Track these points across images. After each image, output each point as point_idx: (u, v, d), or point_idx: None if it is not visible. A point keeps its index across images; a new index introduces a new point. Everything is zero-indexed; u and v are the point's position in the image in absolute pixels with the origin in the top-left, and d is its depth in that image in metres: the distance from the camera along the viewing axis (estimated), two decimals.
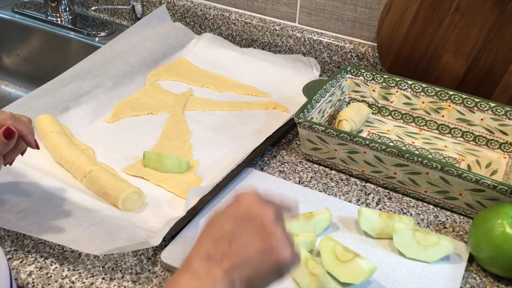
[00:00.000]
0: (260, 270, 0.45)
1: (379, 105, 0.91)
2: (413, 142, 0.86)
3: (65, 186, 0.71)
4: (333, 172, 0.80)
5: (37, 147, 0.62)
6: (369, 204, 0.75)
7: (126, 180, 0.72)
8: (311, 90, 0.84)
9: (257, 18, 1.12)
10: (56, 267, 0.63)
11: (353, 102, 0.93)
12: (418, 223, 0.72)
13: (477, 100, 0.83)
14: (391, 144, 0.85)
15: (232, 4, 1.14)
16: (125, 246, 0.60)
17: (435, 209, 0.74)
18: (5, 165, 0.61)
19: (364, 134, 0.88)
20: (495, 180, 0.66)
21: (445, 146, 0.85)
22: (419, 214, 0.73)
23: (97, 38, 1.18)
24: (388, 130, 0.89)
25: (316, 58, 1.07)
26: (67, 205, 0.67)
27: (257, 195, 0.49)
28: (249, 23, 1.11)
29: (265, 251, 0.45)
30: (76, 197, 0.69)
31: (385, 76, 0.89)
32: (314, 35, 1.06)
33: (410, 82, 0.88)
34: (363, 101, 0.92)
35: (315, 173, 0.80)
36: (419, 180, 0.73)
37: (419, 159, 0.70)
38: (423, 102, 0.87)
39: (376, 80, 0.90)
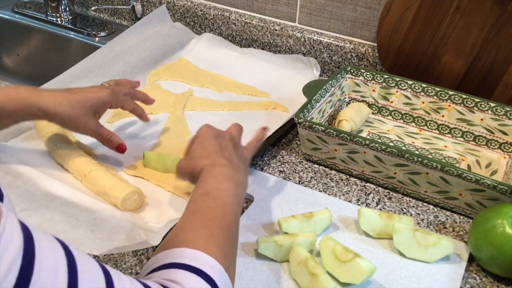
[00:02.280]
0: (245, 165, 0.65)
1: (379, 105, 0.91)
2: (413, 142, 0.86)
3: (65, 186, 0.71)
4: (333, 172, 0.80)
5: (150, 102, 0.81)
6: (369, 204, 0.75)
7: (126, 180, 0.72)
8: (311, 90, 0.84)
9: (257, 18, 1.12)
10: None
11: (353, 102, 0.93)
12: (418, 223, 0.72)
13: (477, 100, 0.83)
14: (391, 144, 0.85)
15: (232, 4, 1.14)
16: (125, 246, 0.60)
17: (435, 209, 0.74)
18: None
19: (364, 134, 0.88)
20: (495, 180, 0.66)
21: (445, 146, 0.85)
22: (419, 214, 0.73)
23: (97, 38, 1.18)
24: (388, 130, 0.89)
25: (316, 58, 1.07)
26: (67, 205, 0.67)
27: (210, 125, 0.68)
28: (249, 23, 1.11)
29: (243, 148, 0.68)
30: (76, 197, 0.69)
31: (385, 76, 0.89)
32: (314, 35, 1.06)
33: (410, 82, 0.88)
34: (363, 101, 0.92)
35: (315, 173, 0.80)
36: (419, 180, 0.73)
37: (419, 159, 0.70)
38: (423, 102, 0.87)
39: (376, 80, 0.90)
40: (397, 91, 0.89)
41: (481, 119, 0.84)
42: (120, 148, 0.74)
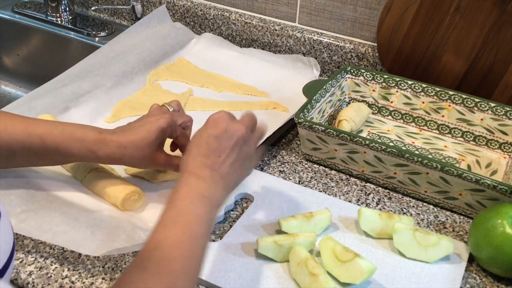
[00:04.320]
0: (241, 172, 0.61)
1: (379, 105, 0.91)
2: (413, 142, 0.86)
3: (65, 186, 0.71)
4: (333, 172, 0.80)
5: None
6: (369, 204, 0.75)
7: (126, 180, 0.72)
8: (311, 90, 0.84)
9: (257, 18, 1.12)
10: (56, 267, 0.63)
11: (353, 102, 0.93)
12: (418, 223, 0.72)
13: (477, 100, 0.83)
14: (391, 144, 0.85)
15: (232, 4, 1.14)
16: (125, 247, 0.60)
17: (435, 209, 0.74)
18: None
19: (364, 134, 0.88)
20: (495, 180, 0.66)
21: (445, 146, 0.85)
22: (419, 214, 0.73)
23: (97, 38, 1.18)
24: (388, 130, 0.89)
25: (316, 58, 1.07)
26: (67, 206, 0.67)
27: (228, 114, 0.61)
28: (249, 23, 1.11)
29: (245, 158, 0.60)
30: (76, 198, 0.69)
31: (385, 76, 0.89)
32: (314, 35, 1.06)
33: (410, 82, 0.88)
34: (363, 101, 0.92)
35: (315, 173, 0.80)
36: (419, 180, 0.73)
37: (419, 159, 0.70)
38: (423, 102, 0.87)
39: (376, 80, 0.90)
40: (397, 91, 0.89)
41: (481, 119, 0.84)
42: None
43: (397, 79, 0.88)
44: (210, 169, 0.57)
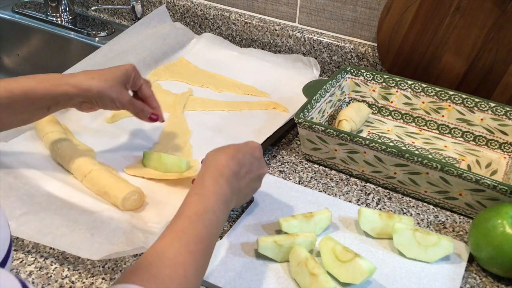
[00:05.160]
0: (243, 198, 0.65)
1: (379, 105, 0.91)
2: (413, 142, 0.86)
3: (65, 186, 0.71)
4: (333, 172, 0.80)
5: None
6: (369, 204, 0.75)
7: (126, 180, 0.72)
8: (311, 90, 0.84)
9: (257, 18, 1.12)
10: (56, 267, 0.63)
11: (353, 102, 0.93)
12: (418, 223, 0.72)
13: (477, 100, 0.83)
14: (391, 144, 0.85)
15: (232, 4, 1.14)
16: (124, 251, 0.60)
17: (435, 209, 0.74)
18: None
19: (364, 134, 0.88)
20: (495, 180, 0.66)
21: (445, 146, 0.85)
22: (419, 214, 0.73)
23: (97, 38, 1.18)
24: (388, 130, 0.89)
25: (316, 58, 1.07)
26: (67, 207, 0.66)
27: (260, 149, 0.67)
28: (249, 23, 1.11)
29: (252, 190, 0.67)
30: (76, 198, 0.69)
31: (385, 76, 0.89)
32: (314, 35, 1.06)
33: (410, 82, 0.88)
34: (363, 101, 0.92)
35: (315, 173, 0.80)
36: (419, 180, 0.73)
37: (419, 159, 0.70)
38: (423, 102, 0.87)
39: (376, 80, 0.90)
40: (397, 91, 0.89)
41: (481, 119, 0.84)
42: (152, 118, 0.75)
43: (397, 79, 0.88)
44: (236, 179, 0.61)
